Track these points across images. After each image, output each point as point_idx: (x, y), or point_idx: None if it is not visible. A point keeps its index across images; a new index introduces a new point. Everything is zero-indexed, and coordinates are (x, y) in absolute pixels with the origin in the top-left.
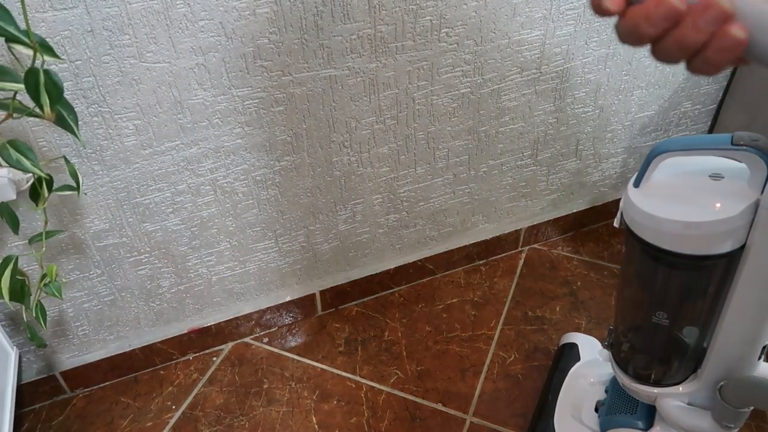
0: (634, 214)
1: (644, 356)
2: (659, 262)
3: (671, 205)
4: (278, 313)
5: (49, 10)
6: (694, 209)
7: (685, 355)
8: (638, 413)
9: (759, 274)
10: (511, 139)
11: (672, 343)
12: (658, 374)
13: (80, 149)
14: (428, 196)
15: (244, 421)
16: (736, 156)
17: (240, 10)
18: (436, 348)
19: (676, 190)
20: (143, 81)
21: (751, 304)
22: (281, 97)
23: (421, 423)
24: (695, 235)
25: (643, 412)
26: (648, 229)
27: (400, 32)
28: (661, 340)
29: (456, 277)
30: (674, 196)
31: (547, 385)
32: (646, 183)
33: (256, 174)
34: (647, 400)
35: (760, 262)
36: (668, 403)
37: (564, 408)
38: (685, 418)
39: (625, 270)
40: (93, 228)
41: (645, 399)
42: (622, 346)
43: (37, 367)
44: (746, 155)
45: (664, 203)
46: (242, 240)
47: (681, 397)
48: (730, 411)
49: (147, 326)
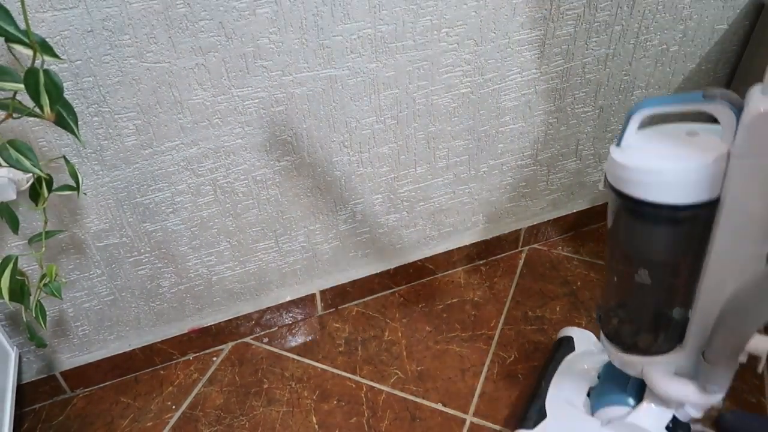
0: (615, 169)
1: (631, 326)
2: (640, 216)
3: (649, 158)
4: (278, 313)
5: (49, 10)
6: (670, 160)
7: (670, 325)
8: (629, 390)
9: (734, 226)
10: (511, 139)
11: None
12: (645, 343)
13: (80, 149)
14: (428, 196)
15: (244, 421)
16: (707, 108)
17: (240, 10)
18: (436, 348)
19: (654, 146)
20: (143, 81)
21: (729, 260)
22: (281, 97)
23: (421, 423)
24: (671, 182)
25: (632, 389)
26: (628, 181)
27: (400, 32)
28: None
29: (456, 277)
30: (652, 152)
31: (542, 373)
32: (627, 142)
33: (256, 174)
34: (635, 372)
35: (734, 213)
36: (654, 372)
37: (556, 392)
38: (670, 385)
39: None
40: (93, 228)
41: (633, 369)
42: (611, 318)
43: (37, 367)
44: (717, 108)
45: (643, 157)
46: (242, 240)
47: (668, 365)
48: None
49: (147, 326)
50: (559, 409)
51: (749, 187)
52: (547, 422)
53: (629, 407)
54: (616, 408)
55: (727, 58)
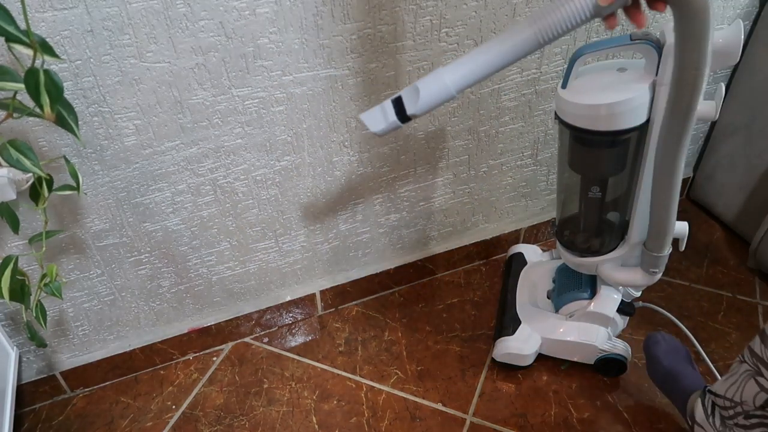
0: (564, 107)
1: (585, 234)
2: (588, 144)
3: (589, 94)
4: (278, 313)
5: (49, 10)
6: (606, 94)
7: (614, 228)
8: (583, 286)
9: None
10: (511, 139)
11: (605, 219)
12: (598, 246)
13: (80, 149)
14: (428, 196)
15: (244, 421)
16: (633, 49)
17: (240, 10)
18: (436, 348)
19: (592, 84)
20: (143, 81)
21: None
22: (281, 97)
23: (421, 423)
24: (612, 113)
25: (587, 285)
26: (576, 116)
27: (400, 32)
28: (597, 216)
29: (456, 277)
30: (591, 89)
31: (504, 288)
32: (571, 84)
33: (256, 174)
34: (589, 271)
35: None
36: (607, 267)
37: (523, 301)
38: (622, 275)
39: (563, 159)
40: (93, 228)
41: (588, 269)
42: (567, 230)
43: (37, 367)
44: (641, 47)
45: (584, 94)
46: (242, 240)
47: (616, 260)
48: (655, 258)
49: (147, 326)
50: (530, 314)
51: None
52: (522, 327)
53: (587, 300)
54: (577, 303)
55: None
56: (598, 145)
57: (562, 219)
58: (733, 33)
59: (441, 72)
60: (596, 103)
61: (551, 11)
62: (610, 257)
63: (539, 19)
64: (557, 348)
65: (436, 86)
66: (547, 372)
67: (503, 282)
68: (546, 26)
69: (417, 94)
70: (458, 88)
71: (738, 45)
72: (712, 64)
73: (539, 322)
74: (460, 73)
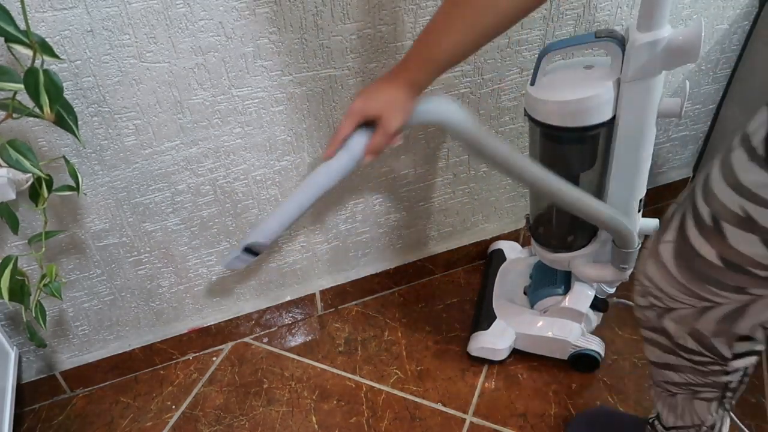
0: (533, 104)
1: (558, 230)
2: (557, 141)
3: (557, 91)
4: (278, 313)
5: (49, 10)
6: (573, 91)
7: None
8: (558, 282)
9: (627, 138)
10: (511, 139)
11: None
12: (570, 242)
13: (80, 149)
14: (428, 196)
15: (244, 421)
16: (598, 46)
17: (240, 10)
18: (436, 348)
19: (560, 81)
20: (143, 81)
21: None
22: (281, 97)
23: (421, 423)
24: (579, 109)
25: (562, 281)
26: (544, 112)
27: (400, 32)
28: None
29: (456, 277)
30: (559, 85)
31: (483, 283)
32: (539, 81)
33: (256, 174)
34: (563, 267)
35: (626, 127)
36: (579, 263)
37: (499, 296)
38: (593, 271)
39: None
40: (93, 228)
41: (561, 265)
42: (540, 227)
43: (37, 367)
44: (606, 44)
45: (552, 91)
46: (242, 240)
47: (588, 257)
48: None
49: (147, 326)
50: (505, 309)
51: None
52: (497, 321)
53: (561, 296)
54: (551, 298)
55: (727, 58)
56: (567, 141)
57: (535, 215)
58: (693, 32)
59: (265, 221)
60: (563, 100)
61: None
62: (582, 253)
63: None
64: (531, 343)
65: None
66: (547, 372)
67: (483, 277)
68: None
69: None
70: (272, 237)
71: (697, 44)
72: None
73: (514, 317)
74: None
